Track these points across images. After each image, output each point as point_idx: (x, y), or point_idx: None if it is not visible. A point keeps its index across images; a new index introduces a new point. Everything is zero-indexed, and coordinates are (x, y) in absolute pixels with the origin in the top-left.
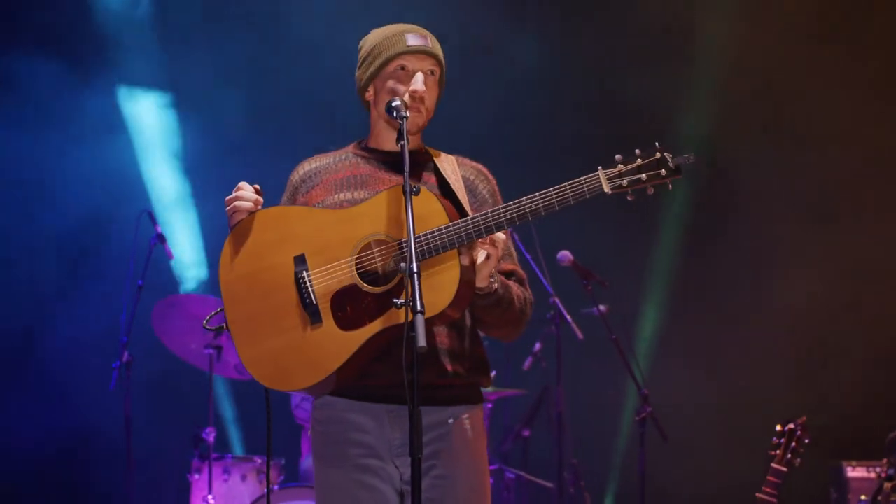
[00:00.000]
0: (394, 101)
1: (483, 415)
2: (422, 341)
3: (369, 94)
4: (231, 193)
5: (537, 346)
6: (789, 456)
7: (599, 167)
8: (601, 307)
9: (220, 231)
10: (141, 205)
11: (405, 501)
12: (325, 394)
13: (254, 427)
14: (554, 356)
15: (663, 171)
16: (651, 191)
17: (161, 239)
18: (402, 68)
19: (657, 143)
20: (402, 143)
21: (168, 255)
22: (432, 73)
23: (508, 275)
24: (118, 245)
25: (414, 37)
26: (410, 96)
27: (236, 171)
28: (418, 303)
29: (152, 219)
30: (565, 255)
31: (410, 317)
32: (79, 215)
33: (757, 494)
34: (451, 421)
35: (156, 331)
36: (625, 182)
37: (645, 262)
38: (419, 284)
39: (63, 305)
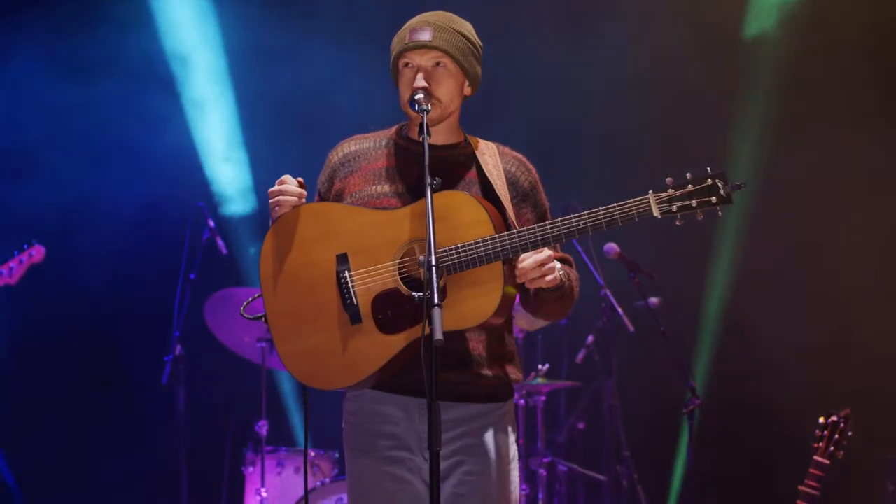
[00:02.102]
0: (416, 94)
1: (513, 411)
2: (438, 334)
3: None
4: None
5: (590, 338)
6: (832, 448)
7: (650, 191)
8: (653, 299)
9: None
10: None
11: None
12: (364, 392)
13: (315, 420)
14: (613, 349)
15: (714, 199)
16: (701, 216)
17: (214, 233)
18: (407, 65)
19: (709, 169)
20: (423, 137)
21: (221, 250)
22: (439, 64)
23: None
24: (171, 238)
25: (414, 32)
26: (413, 91)
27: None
28: (435, 296)
29: (205, 213)
30: (612, 247)
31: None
32: (134, 207)
33: (800, 487)
34: (480, 417)
35: (209, 324)
36: (674, 207)
37: (703, 254)
38: (436, 281)
39: (115, 299)
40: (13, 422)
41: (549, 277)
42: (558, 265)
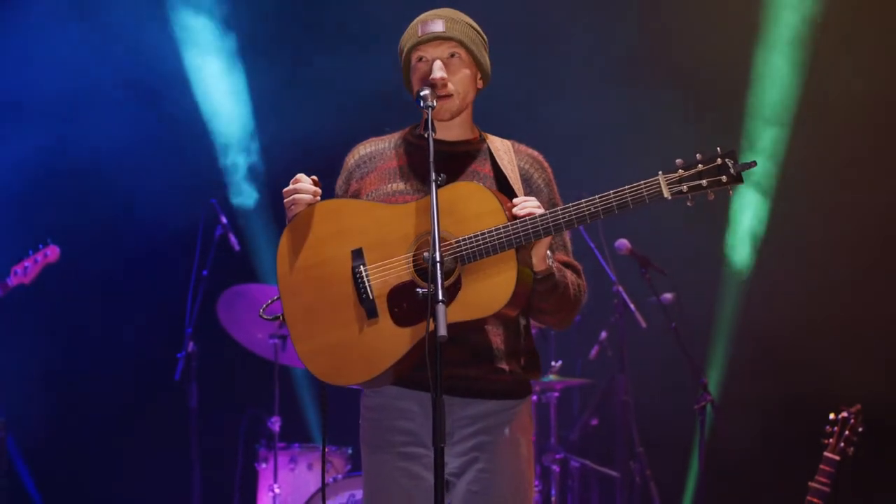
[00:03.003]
0: (422, 90)
1: (530, 408)
2: (442, 330)
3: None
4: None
5: (603, 334)
6: (842, 444)
7: (660, 172)
8: (667, 295)
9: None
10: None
11: (449, 490)
12: (382, 386)
13: (333, 415)
14: (626, 346)
15: (724, 178)
16: (712, 196)
17: (227, 229)
18: (421, 59)
19: (718, 149)
20: (428, 133)
21: (234, 246)
22: (454, 55)
23: (564, 266)
24: (184, 234)
25: (426, 25)
26: (431, 85)
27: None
28: (440, 292)
29: (217, 209)
30: (623, 243)
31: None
32: (146, 204)
33: (810, 483)
34: (497, 414)
35: (222, 320)
36: (685, 188)
37: (718, 249)
38: (440, 277)
39: (128, 296)
40: (25, 418)
41: (537, 211)
42: (550, 255)
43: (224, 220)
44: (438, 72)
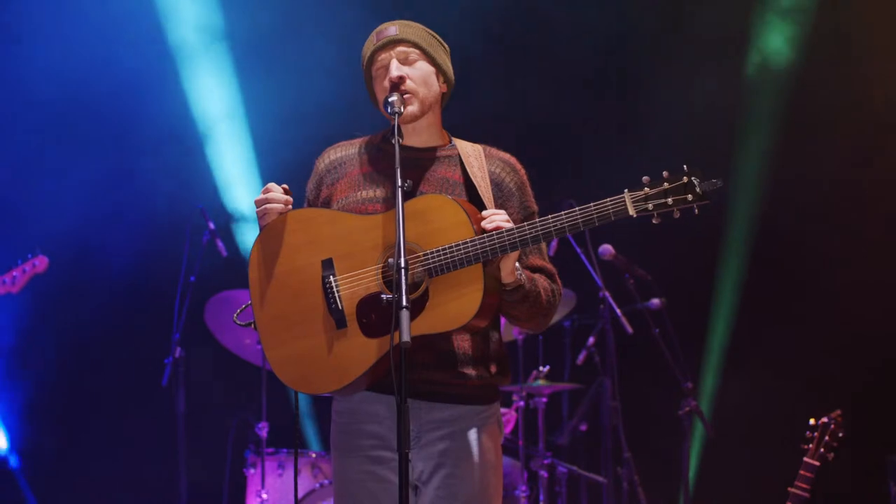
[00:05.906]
0: (390, 96)
1: (498, 413)
2: (406, 336)
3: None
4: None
5: (591, 339)
6: (822, 450)
7: (626, 190)
8: (655, 301)
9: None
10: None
11: (417, 495)
12: (354, 394)
13: (319, 421)
14: (613, 351)
15: (690, 197)
16: (677, 215)
17: (214, 234)
18: (381, 67)
19: (685, 167)
20: (395, 139)
21: (221, 252)
22: (410, 57)
23: (538, 270)
24: (171, 240)
25: (380, 33)
26: (391, 86)
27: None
28: (404, 299)
29: (205, 215)
30: (606, 248)
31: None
32: (134, 210)
33: (789, 489)
34: (464, 419)
35: (209, 326)
36: (650, 206)
37: (710, 256)
38: (405, 283)
39: (115, 302)
40: (12, 422)
41: (506, 225)
42: (519, 267)
43: (211, 225)
44: (395, 70)
